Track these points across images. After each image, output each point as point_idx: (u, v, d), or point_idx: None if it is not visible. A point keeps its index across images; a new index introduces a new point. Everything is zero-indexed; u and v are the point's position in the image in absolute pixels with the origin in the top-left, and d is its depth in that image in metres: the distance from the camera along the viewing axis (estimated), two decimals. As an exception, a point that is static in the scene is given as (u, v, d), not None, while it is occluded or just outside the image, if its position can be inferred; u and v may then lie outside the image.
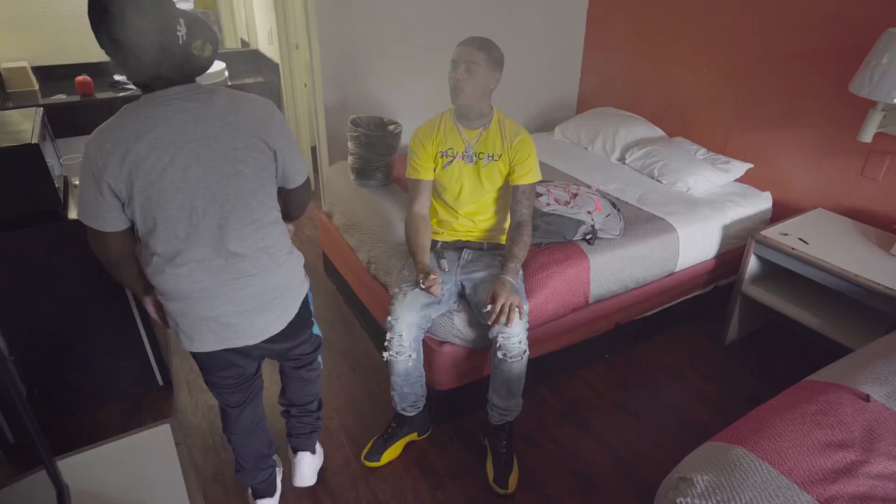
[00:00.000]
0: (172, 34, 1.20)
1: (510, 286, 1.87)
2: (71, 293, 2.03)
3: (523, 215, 2.03)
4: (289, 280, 1.52)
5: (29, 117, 1.99)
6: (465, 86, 1.90)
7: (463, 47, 1.92)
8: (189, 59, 1.24)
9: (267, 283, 1.45)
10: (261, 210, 1.39)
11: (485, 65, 1.89)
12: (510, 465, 1.98)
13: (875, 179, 2.43)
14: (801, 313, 2.32)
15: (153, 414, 2.25)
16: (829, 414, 1.40)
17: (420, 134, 2.08)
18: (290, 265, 1.52)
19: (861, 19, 2.33)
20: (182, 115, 1.27)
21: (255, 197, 1.37)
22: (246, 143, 1.31)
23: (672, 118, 3.29)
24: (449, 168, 2.04)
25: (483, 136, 2.02)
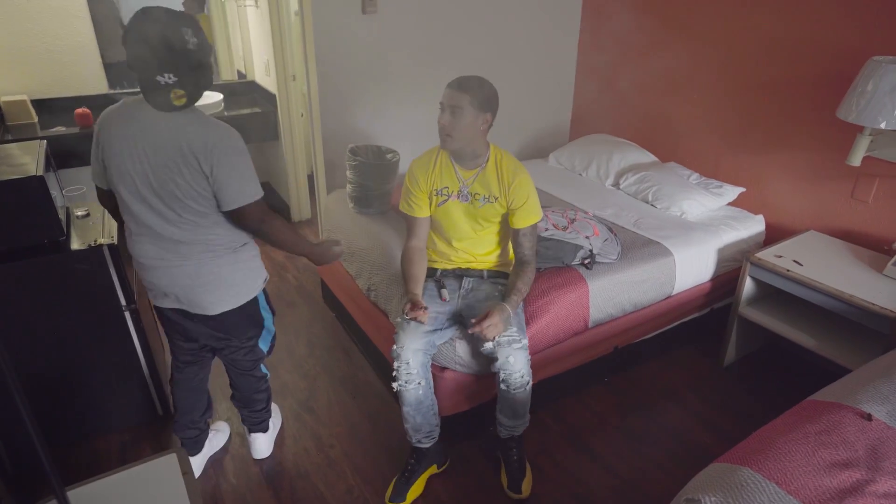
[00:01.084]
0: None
1: (505, 316, 1.88)
2: (72, 323, 2.03)
3: (526, 255, 2.02)
4: (227, 273, 1.72)
5: (29, 151, 2.02)
6: (451, 130, 1.87)
7: (448, 90, 1.88)
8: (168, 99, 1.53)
9: (201, 268, 1.68)
10: (200, 211, 1.61)
11: (470, 108, 1.84)
12: (523, 471, 2.03)
13: (865, 202, 2.48)
14: (797, 334, 2.35)
15: (153, 444, 2.23)
16: (833, 433, 1.41)
17: (415, 169, 2.05)
18: (229, 260, 1.71)
19: (846, 48, 2.42)
20: (151, 122, 1.55)
21: (194, 200, 1.58)
22: (184, 160, 1.53)
23: (664, 144, 3.35)
24: (444, 206, 2.03)
25: (479, 177, 1.98)
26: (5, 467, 2.05)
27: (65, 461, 2.13)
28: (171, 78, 1.47)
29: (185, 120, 1.56)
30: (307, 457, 2.19)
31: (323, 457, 2.18)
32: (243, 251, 1.76)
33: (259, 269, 1.85)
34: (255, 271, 1.82)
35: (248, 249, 1.79)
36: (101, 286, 2.02)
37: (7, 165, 1.90)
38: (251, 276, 1.80)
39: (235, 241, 1.73)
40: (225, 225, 1.69)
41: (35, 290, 1.92)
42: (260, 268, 1.85)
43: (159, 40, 1.44)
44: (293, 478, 2.09)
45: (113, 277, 2.02)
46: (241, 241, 1.75)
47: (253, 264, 1.81)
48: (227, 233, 1.70)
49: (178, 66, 1.47)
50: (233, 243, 1.72)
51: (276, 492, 2.04)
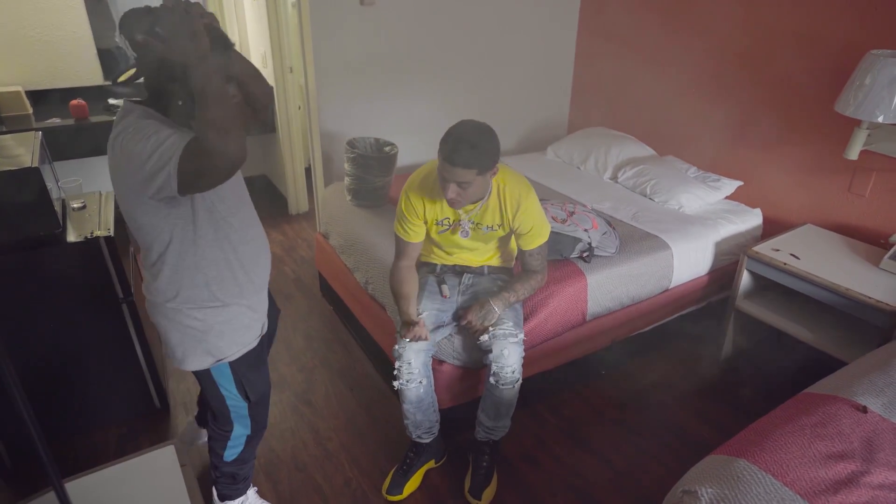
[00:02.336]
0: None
1: (486, 310, 1.90)
2: (69, 316, 2.02)
3: (535, 268, 1.99)
4: (162, 324, 1.43)
5: (24, 142, 2.00)
6: (461, 199, 1.78)
7: (450, 166, 1.69)
8: None
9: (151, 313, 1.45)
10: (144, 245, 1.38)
11: (479, 177, 1.73)
12: (489, 480, 2.00)
13: (862, 195, 2.49)
14: (794, 327, 2.35)
15: (150, 437, 2.22)
16: (829, 425, 1.42)
17: (411, 194, 1.93)
18: (160, 311, 1.41)
19: (845, 42, 2.41)
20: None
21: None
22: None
23: (662, 137, 3.35)
24: (444, 234, 1.99)
25: (482, 210, 1.91)
26: (3, 460, 2.05)
27: (62, 454, 2.13)
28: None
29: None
30: (305, 449, 2.19)
31: (321, 449, 2.19)
32: (183, 311, 1.40)
33: (206, 342, 1.43)
34: (195, 341, 1.43)
35: (190, 311, 1.40)
36: (97, 279, 2.01)
37: (2, 157, 1.88)
38: (189, 344, 1.43)
39: (165, 293, 1.38)
40: (158, 266, 1.36)
41: (31, 283, 1.92)
42: (208, 341, 1.43)
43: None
44: (291, 470, 2.10)
45: (110, 270, 2.02)
46: (173, 296, 1.38)
47: (195, 332, 1.42)
48: (159, 278, 1.37)
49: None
50: (162, 294, 1.39)
51: (275, 484, 2.04)
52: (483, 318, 1.91)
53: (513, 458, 2.15)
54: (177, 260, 1.34)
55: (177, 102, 1.27)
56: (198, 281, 1.37)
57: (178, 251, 1.33)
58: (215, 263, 1.38)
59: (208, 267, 1.37)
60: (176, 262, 1.34)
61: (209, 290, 1.39)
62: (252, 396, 1.57)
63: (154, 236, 1.31)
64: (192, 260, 1.34)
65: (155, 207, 1.26)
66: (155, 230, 1.30)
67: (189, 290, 1.37)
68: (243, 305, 1.47)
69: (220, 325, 1.43)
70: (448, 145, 1.69)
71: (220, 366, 1.47)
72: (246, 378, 1.54)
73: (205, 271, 1.37)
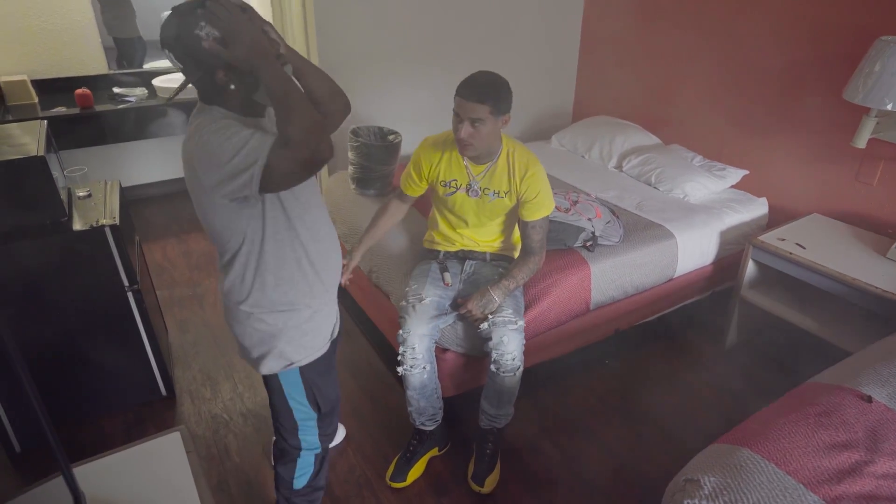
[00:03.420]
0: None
1: (486, 299, 1.91)
2: (75, 304, 2.03)
3: (533, 248, 1.98)
4: (237, 328, 1.40)
5: (30, 131, 2.01)
6: (472, 141, 1.80)
7: (465, 101, 1.75)
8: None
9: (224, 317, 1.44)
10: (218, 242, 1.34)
11: (491, 117, 1.76)
12: (492, 467, 2.01)
13: (869, 184, 2.47)
14: (799, 317, 2.35)
15: (157, 424, 2.24)
16: (833, 415, 1.42)
17: (422, 155, 2.01)
18: (234, 315, 1.39)
19: (853, 28, 2.38)
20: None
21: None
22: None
23: (667, 126, 3.32)
24: (452, 197, 2.00)
25: (490, 172, 1.94)
26: (12, 445, 2.07)
27: (69, 440, 2.15)
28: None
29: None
30: (310, 436, 2.20)
31: (325, 437, 2.20)
32: (254, 314, 1.37)
33: (276, 347, 1.39)
34: (265, 346, 1.40)
35: (260, 314, 1.37)
36: (103, 267, 2.02)
37: (8, 146, 1.89)
38: (258, 348, 1.40)
39: (237, 294, 1.36)
40: (229, 268, 1.34)
41: (38, 271, 1.93)
42: (277, 346, 1.39)
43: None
44: (296, 457, 2.11)
45: (115, 258, 2.02)
46: (244, 298, 1.35)
47: (264, 336, 1.39)
48: (229, 279, 1.35)
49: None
50: (234, 295, 1.36)
51: (280, 471, 2.06)
52: (483, 306, 1.92)
53: (516, 447, 2.16)
54: (248, 260, 1.31)
55: (246, 100, 1.25)
56: (269, 282, 1.33)
57: (250, 251, 1.30)
58: (286, 263, 1.34)
59: (279, 267, 1.33)
60: (247, 262, 1.31)
61: (280, 291, 1.35)
62: (323, 406, 1.52)
63: (227, 237, 1.28)
64: (263, 260, 1.31)
65: (228, 207, 1.23)
66: (228, 231, 1.27)
67: (260, 292, 1.34)
68: (313, 308, 1.43)
69: (291, 328, 1.38)
70: (464, 84, 1.77)
71: (289, 372, 1.42)
72: (316, 386, 1.48)
73: (275, 272, 1.33)
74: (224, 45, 1.14)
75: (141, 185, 4.04)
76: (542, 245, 2.00)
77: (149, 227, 3.76)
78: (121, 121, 3.36)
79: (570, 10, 3.64)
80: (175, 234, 3.68)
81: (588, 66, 3.79)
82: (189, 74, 1.20)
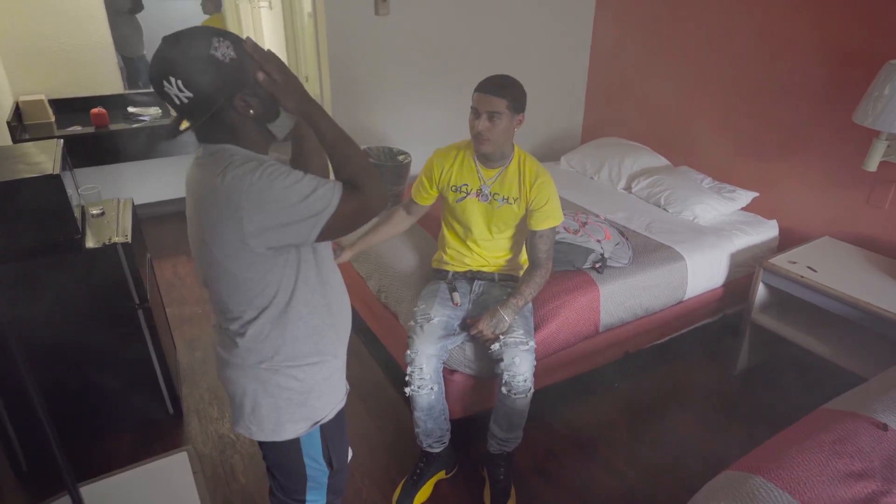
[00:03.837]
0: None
1: (497, 319, 1.90)
2: (85, 321, 2.04)
3: (540, 259, 1.98)
4: (249, 390, 1.25)
5: (46, 150, 2.04)
6: (489, 135, 1.84)
7: (482, 94, 1.82)
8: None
9: (222, 370, 1.29)
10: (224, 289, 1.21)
11: (508, 111, 1.83)
12: (507, 494, 1.98)
13: (881, 207, 2.45)
14: (811, 341, 2.32)
15: (163, 443, 2.24)
16: (848, 443, 1.39)
17: (435, 159, 2.07)
18: (252, 374, 1.24)
19: (862, 52, 2.39)
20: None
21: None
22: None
23: (676, 147, 3.33)
24: (462, 203, 2.03)
25: (501, 177, 1.98)
26: (19, 462, 2.07)
27: (76, 458, 2.15)
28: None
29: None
30: (316, 457, 2.19)
31: (332, 458, 2.19)
32: (282, 371, 1.23)
33: (306, 404, 1.27)
34: (294, 405, 1.26)
35: (290, 370, 1.24)
36: (114, 284, 2.03)
37: (24, 164, 1.92)
38: (286, 409, 1.25)
39: (260, 353, 1.21)
40: (249, 326, 1.20)
41: (50, 288, 1.94)
42: (308, 403, 1.27)
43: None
44: (302, 478, 2.10)
45: (127, 276, 2.04)
46: (271, 355, 1.22)
47: (294, 394, 1.25)
48: (248, 339, 1.20)
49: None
50: (254, 355, 1.22)
51: (285, 492, 2.04)
52: (494, 326, 1.91)
53: (525, 471, 2.13)
54: (280, 313, 1.18)
55: (261, 131, 1.16)
56: (300, 332, 1.21)
57: (283, 302, 1.18)
58: (318, 312, 1.23)
59: (311, 315, 1.22)
60: (279, 315, 1.18)
61: (311, 342, 1.24)
62: (336, 462, 1.40)
63: (257, 291, 1.16)
64: (295, 309, 1.20)
65: (263, 256, 1.11)
66: (260, 284, 1.15)
67: (291, 346, 1.22)
68: (339, 356, 1.34)
69: (321, 383, 1.28)
70: (483, 81, 1.86)
71: (312, 431, 1.30)
72: (332, 441, 1.37)
73: (307, 321, 1.22)
74: (251, 78, 1.06)
75: (153, 202, 4.08)
76: (549, 256, 2.00)
77: (160, 245, 3.79)
78: (135, 140, 3.42)
79: (579, 33, 3.67)
80: (185, 252, 3.70)
81: (597, 87, 3.81)
82: (199, 105, 1.05)
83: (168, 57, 1.03)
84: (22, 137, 3.13)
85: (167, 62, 1.02)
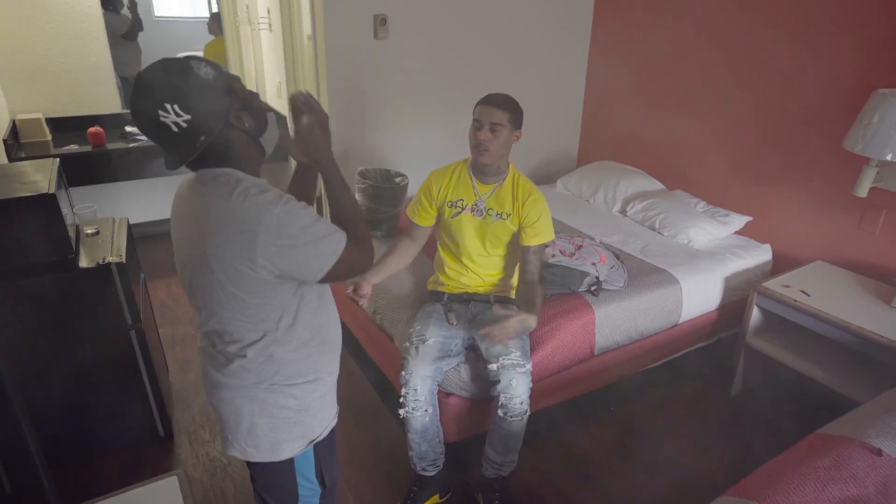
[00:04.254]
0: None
1: (527, 322, 1.78)
2: (77, 341, 2.03)
3: (532, 275, 1.99)
4: (245, 412, 1.24)
5: (42, 168, 2.04)
6: (489, 146, 1.91)
7: (487, 107, 1.91)
8: None
9: (214, 390, 1.27)
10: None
11: (509, 125, 1.92)
12: None
13: (872, 233, 2.47)
14: (805, 365, 2.32)
15: (153, 466, 2.20)
16: (842, 468, 1.39)
17: (431, 179, 2.12)
18: (250, 395, 1.23)
19: (852, 80, 2.43)
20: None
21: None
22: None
23: (671, 172, 3.36)
24: (457, 219, 2.06)
25: (496, 193, 2.04)
26: (3, 486, 2.03)
27: (63, 481, 2.11)
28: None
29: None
30: (308, 481, 2.16)
31: (324, 481, 2.16)
32: (279, 390, 1.23)
33: (303, 423, 1.28)
34: (291, 424, 1.27)
35: (288, 389, 1.24)
36: (107, 304, 2.02)
37: (20, 183, 1.92)
38: (283, 429, 1.26)
39: (259, 373, 1.21)
40: (250, 348, 1.20)
41: (42, 308, 1.93)
42: (305, 421, 1.28)
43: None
44: (294, 502, 2.07)
45: (120, 296, 2.03)
46: (270, 375, 1.22)
47: (292, 413, 1.26)
48: (249, 360, 1.20)
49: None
50: (252, 376, 1.22)
51: (276, 516, 2.01)
52: (523, 325, 1.79)
53: (519, 496, 2.11)
54: (283, 335, 1.19)
55: (255, 146, 1.17)
56: (301, 354, 1.23)
57: (287, 325, 1.19)
58: (318, 331, 1.26)
59: (312, 335, 1.25)
60: (281, 337, 1.19)
61: (309, 362, 1.25)
62: (328, 481, 1.40)
63: (263, 316, 1.17)
64: (297, 331, 1.21)
65: (269, 283, 1.13)
66: (265, 309, 1.16)
67: (291, 366, 1.23)
68: (332, 374, 1.35)
69: (317, 400, 1.30)
70: (485, 97, 1.96)
71: (307, 450, 1.30)
72: (325, 460, 1.37)
73: (306, 341, 1.24)
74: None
75: (149, 222, 4.07)
76: (542, 275, 2.04)
77: (154, 264, 3.78)
78: (131, 159, 3.42)
79: (575, 58, 3.73)
80: (180, 272, 3.69)
81: (593, 111, 3.86)
82: (199, 125, 1.05)
83: (156, 86, 1.03)
84: (18, 156, 3.14)
85: (157, 91, 1.03)
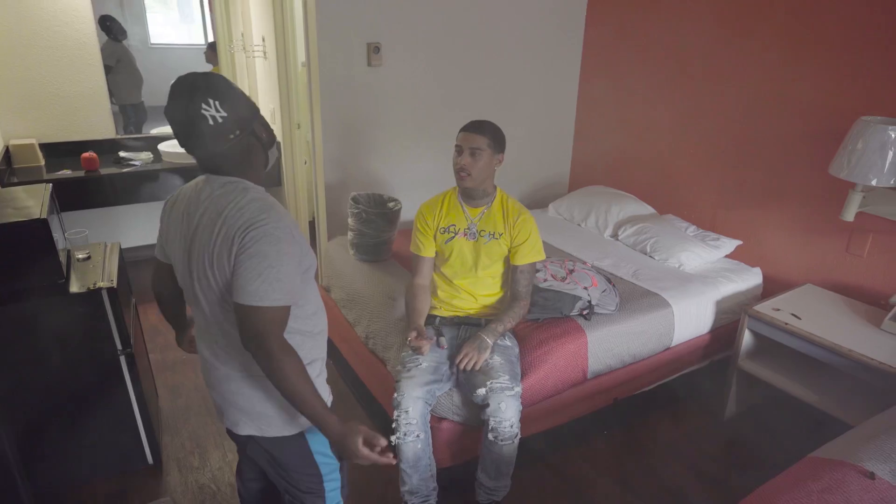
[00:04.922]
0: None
1: (479, 343, 1.97)
2: (66, 367, 2.01)
3: (520, 292, 2.12)
4: (256, 399, 1.37)
5: (34, 194, 2.05)
6: (470, 170, 2.00)
7: (466, 133, 2.01)
8: None
9: (230, 383, 1.38)
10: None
11: (488, 149, 2.00)
12: None
13: (860, 256, 2.50)
14: (797, 388, 2.33)
15: (141, 495, 2.17)
16: (836, 492, 1.38)
17: (423, 210, 2.18)
18: (259, 384, 1.36)
19: (836, 107, 2.49)
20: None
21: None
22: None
23: (662, 196, 3.40)
24: (450, 244, 2.11)
25: (486, 215, 2.11)
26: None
27: (50, 510, 2.08)
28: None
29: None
30: (299, 509, 2.13)
31: (315, 509, 2.13)
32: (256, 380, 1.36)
33: None
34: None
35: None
36: (98, 329, 2.01)
37: (12, 208, 1.92)
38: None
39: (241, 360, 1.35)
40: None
41: (31, 333, 1.92)
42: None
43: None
44: (284, 531, 2.03)
45: (110, 321, 2.02)
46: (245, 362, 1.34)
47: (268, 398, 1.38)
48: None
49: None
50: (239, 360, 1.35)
51: (266, 546, 1.97)
52: (478, 348, 1.96)
53: (512, 522, 2.09)
54: (290, 325, 1.29)
55: (264, 158, 1.34)
56: (297, 341, 1.31)
57: (292, 315, 1.29)
58: (312, 318, 1.38)
59: (307, 325, 1.37)
60: (289, 326, 1.29)
61: (306, 349, 1.35)
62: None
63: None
64: (301, 323, 1.34)
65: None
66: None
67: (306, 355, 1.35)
68: (323, 358, 1.47)
69: (315, 379, 1.37)
70: (467, 123, 2.04)
71: (314, 428, 1.39)
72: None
73: (305, 330, 1.36)
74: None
75: (141, 246, 4.07)
76: (528, 291, 2.13)
77: (146, 288, 3.73)
78: (124, 184, 3.43)
79: (566, 84, 3.79)
80: (171, 296, 3.67)
81: (584, 137, 3.91)
82: (233, 122, 1.21)
83: (202, 85, 1.21)
84: (11, 181, 3.14)
85: (203, 89, 1.20)
